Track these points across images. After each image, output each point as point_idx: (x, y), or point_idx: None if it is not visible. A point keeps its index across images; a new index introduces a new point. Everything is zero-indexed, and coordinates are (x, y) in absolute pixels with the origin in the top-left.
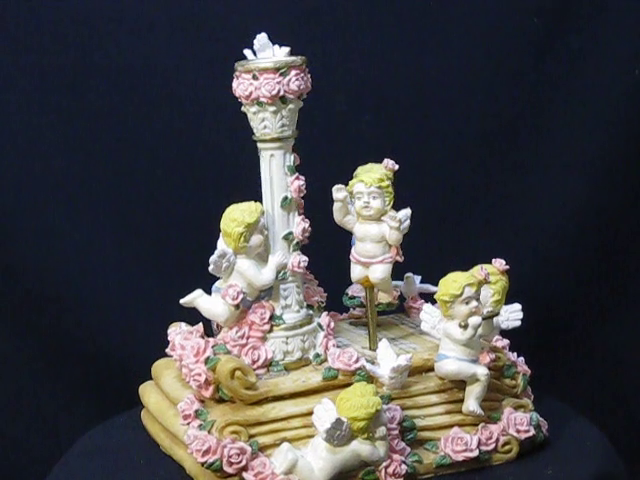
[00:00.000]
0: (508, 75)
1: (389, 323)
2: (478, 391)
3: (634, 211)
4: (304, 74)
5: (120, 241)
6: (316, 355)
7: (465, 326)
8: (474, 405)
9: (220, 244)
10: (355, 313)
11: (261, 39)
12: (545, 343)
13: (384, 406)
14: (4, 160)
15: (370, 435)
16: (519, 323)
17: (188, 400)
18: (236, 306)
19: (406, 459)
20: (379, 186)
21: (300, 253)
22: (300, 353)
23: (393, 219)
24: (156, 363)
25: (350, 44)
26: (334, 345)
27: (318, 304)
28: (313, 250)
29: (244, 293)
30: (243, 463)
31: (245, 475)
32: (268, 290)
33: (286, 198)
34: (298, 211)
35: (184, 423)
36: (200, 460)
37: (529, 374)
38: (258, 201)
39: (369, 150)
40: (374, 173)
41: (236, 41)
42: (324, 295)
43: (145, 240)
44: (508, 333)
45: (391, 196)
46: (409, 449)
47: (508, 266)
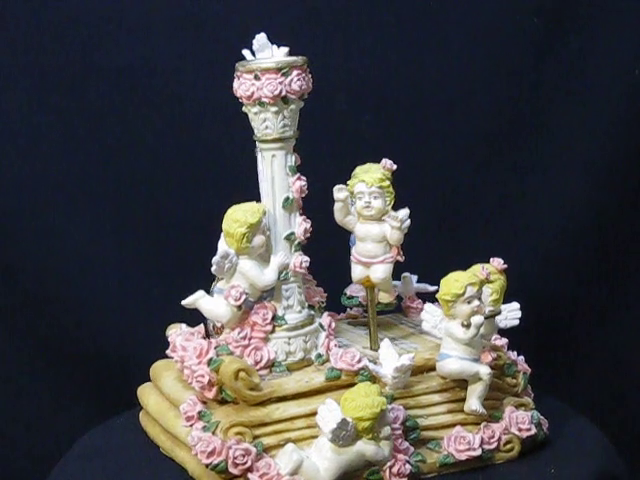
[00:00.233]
0: (508, 75)
1: (388, 323)
2: (480, 390)
3: (634, 211)
4: (305, 74)
5: (120, 241)
6: (318, 355)
7: (467, 325)
8: (476, 404)
9: (221, 245)
10: (352, 313)
11: (260, 39)
12: (545, 343)
13: (388, 406)
14: (4, 160)
15: (375, 435)
16: (517, 322)
17: (190, 401)
18: (239, 307)
19: (410, 459)
20: (380, 186)
21: (302, 253)
22: (302, 353)
23: (394, 219)
24: (155, 365)
25: (350, 44)
26: (336, 345)
27: (319, 304)
28: (313, 250)
29: (246, 294)
30: (248, 464)
31: (250, 476)
32: (270, 291)
33: (288, 198)
34: (299, 211)
35: (187, 425)
36: (205, 462)
37: (529, 373)
38: (258, 201)
39: (369, 150)
40: (374, 173)
41: (236, 41)
42: (324, 295)
43: (145, 240)
44: (508, 332)
45: (392, 196)
46: (413, 449)
47: (506, 265)
